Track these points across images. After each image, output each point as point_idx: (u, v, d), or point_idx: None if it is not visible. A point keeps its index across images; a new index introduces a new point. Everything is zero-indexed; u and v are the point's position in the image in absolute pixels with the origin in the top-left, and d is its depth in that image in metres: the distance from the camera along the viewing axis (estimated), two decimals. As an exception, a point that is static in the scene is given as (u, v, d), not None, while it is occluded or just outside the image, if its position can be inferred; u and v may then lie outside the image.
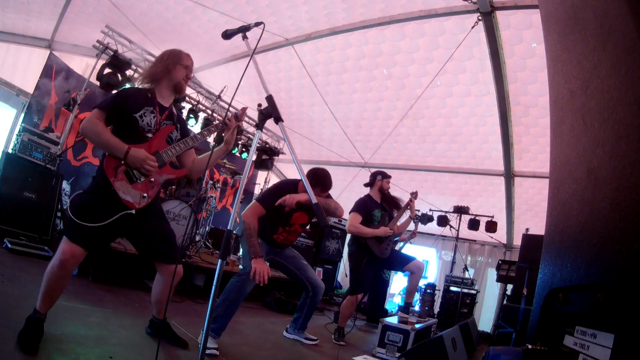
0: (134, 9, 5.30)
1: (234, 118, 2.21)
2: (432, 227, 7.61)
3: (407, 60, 5.47)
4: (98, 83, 5.35)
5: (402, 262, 3.91)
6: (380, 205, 3.84)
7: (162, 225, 2.17)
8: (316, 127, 7.63)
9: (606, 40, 1.11)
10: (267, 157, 7.91)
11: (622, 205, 0.98)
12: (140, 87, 2.17)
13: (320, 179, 3.01)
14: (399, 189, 4.01)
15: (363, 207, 3.72)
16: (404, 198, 4.15)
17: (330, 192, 3.18)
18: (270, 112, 1.61)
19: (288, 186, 3.02)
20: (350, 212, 3.73)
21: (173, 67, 2.13)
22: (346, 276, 4.47)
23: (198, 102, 6.43)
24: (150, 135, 2.03)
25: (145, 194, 1.96)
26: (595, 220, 1.13)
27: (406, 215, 4.10)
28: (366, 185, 3.99)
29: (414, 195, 4.14)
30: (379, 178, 3.85)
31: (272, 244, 3.04)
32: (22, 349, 1.69)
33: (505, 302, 5.67)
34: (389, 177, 3.92)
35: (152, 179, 1.99)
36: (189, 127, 2.40)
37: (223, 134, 2.22)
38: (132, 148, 1.90)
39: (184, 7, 5.21)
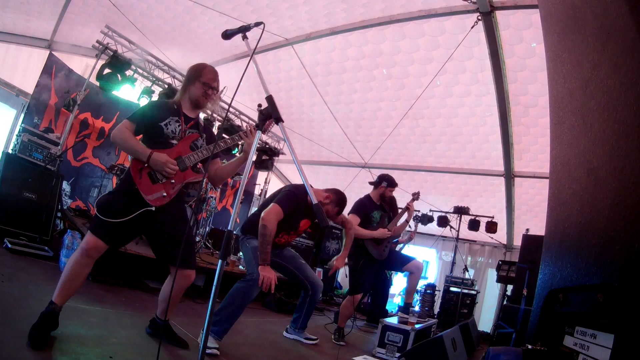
0: (134, 9, 5.30)
1: (255, 128, 2.22)
2: (432, 227, 7.61)
3: (407, 60, 5.47)
4: (98, 83, 5.35)
5: (401, 263, 3.91)
6: (379, 206, 3.84)
7: (180, 227, 2.23)
8: (316, 127, 7.64)
9: (606, 40, 1.10)
10: (267, 157, 7.90)
11: (622, 206, 0.98)
12: (169, 100, 2.33)
13: (343, 202, 3.19)
14: (399, 189, 4.00)
15: (362, 208, 3.72)
16: (405, 199, 4.15)
17: (330, 192, 3.21)
18: (270, 112, 1.61)
19: (302, 192, 3.04)
20: (348, 213, 3.73)
21: (191, 84, 2.25)
22: (346, 276, 4.48)
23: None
24: (175, 142, 2.18)
25: (165, 193, 2.10)
26: (595, 221, 1.13)
27: (405, 217, 4.09)
28: (371, 183, 3.97)
29: (416, 196, 4.13)
30: (384, 184, 3.81)
31: (273, 246, 3.04)
32: (32, 343, 1.74)
33: (505, 302, 5.67)
34: (395, 186, 3.87)
35: (173, 181, 2.13)
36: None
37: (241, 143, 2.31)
38: (155, 152, 2.06)
39: (184, 7, 5.21)
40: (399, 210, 4.10)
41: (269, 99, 1.62)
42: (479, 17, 4.44)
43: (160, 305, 2.35)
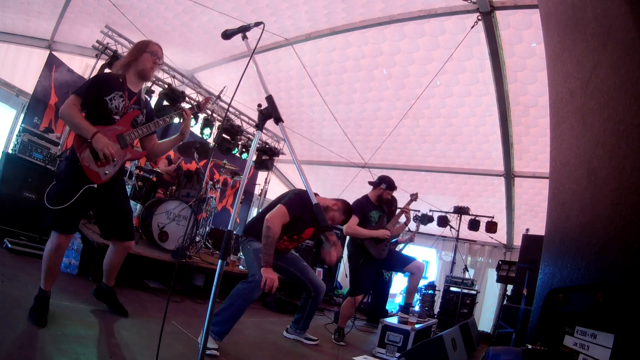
0: (134, 9, 5.30)
1: (196, 107, 2.47)
2: (432, 227, 7.60)
3: (407, 60, 5.47)
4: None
5: (402, 263, 3.90)
6: (377, 206, 3.83)
7: (121, 202, 2.43)
8: (316, 127, 7.63)
9: (606, 40, 1.10)
10: (267, 157, 7.90)
11: (622, 206, 0.98)
12: (115, 72, 2.40)
13: (350, 214, 3.24)
14: (399, 189, 4.00)
15: (359, 208, 3.72)
16: (404, 199, 4.14)
17: (331, 192, 3.20)
18: (270, 112, 1.61)
19: (308, 197, 3.03)
20: None
21: (139, 55, 2.36)
22: (346, 277, 4.47)
23: (198, 102, 6.43)
24: (117, 117, 2.27)
25: (107, 171, 2.23)
26: (595, 221, 1.13)
27: (403, 219, 4.09)
28: (371, 183, 3.97)
29: (414, 197, 4.12)
30: (382, 186, 3.80)
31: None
32: (35, 322, 1.98)
33: (505, 302, 5.67)
34: (393, 189, 3.87)
35: (115, 159, 2.22)
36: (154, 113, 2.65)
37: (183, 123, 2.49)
38: (98, 134, 2.12)
39: (184, 7, 5.21)
40: (398, 208, 4.10)
41: (269, 98, 1.62)
42: (479, 17, 4.44)
43: (106, 273, 2.57)
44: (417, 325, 3.46)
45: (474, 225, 6.93)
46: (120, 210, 2.40)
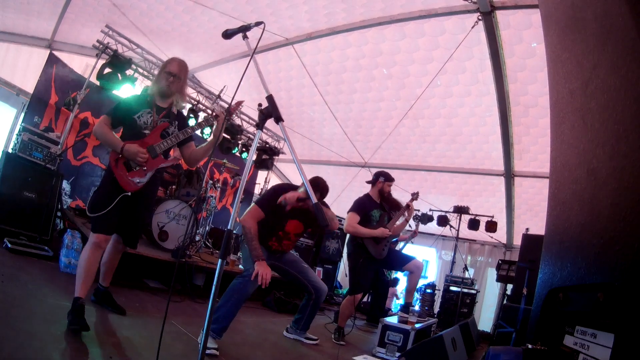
0: (134, 9, 5.30)
1: (226, 112, 2.53)
2: (432, 227, 7.61)
3: (407, 60, 5.46)
4: (98, 83, 5.35)
5: (401, 262, 3.90)
6: (379, 205, 3.83)
7: (142, 211, 2.62)
8: (316, 127, 7.63)
9: (606, 40, 1.11)
10: (267, 157, 7.90)
11: (622, 206, 0.98)
12: (143, 94, 2.71)
13: (320, 185, 3.11)
14: (399, 189, 4.00)
15: (361, 207, 3.72)
16: (404, 198, 4.14)
17: (330, 192, 3.19)
18: (270, 111, 1.61)
19: (287, 189, 3.03)
20: (348, 212, 3.73)
21: (159, 76, 2.55)
22: (346, 276, 4.47)
23: (198, 101, 6.43)
24: (147, 132, 2.45)
25: (138, 180, 2.41)
26: (595, 221, 1.13)
27: (404, 216, 4.09)
28: (368, 182, 3.98)
29: (415, 196, 4.13)
30: (380, 179, 3.82)
31: (269, 250, 3.03)
32: (79, 328, 2.03)
33: (505, 301, 5.67)
34: (392, 180, 3.87)
35: (145, 168, 2.42)
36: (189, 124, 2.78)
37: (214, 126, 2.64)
38: (126, 144, 2.34)
39: (184, 7, 5.21)
40: (401, 206, 4.10)
41: (269, 98, 1.62)
42: (479, 17, 4.44)
43: (102, 273, 2.66)
44: (417, 325, 3.46)
45: (473, 224, 6.93)
46: (138, 218, 2.57)
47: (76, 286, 2.22)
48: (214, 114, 2.62)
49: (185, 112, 5.92)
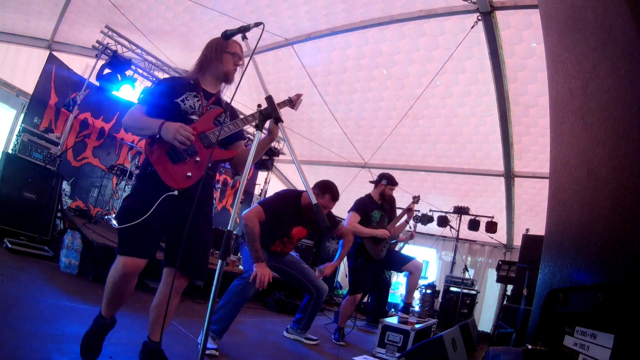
0: (134, 9, 5.30)
1: (288, 103, 2.08)
2: (432, 227, 7.59)
3: (407, 60, 5.46)
4: (97, 83, 5.35)
5: (400, 262, 3.90)
6: (379, 206, 3.83)
7: (207, 228, 1.93)
8: (316, 127, 7.63)
9: (606, 40, 1.10)
10: (267, 157, 7.90)
11: (622, 206, 0.97)
12: (183, 76, 2.09)
13: (330, 187, 3.17)
14: (399, 189, 3.99)
15: (362, 207, 3.71)
16: (405, 199, 4.14)
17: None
18: (270, 112, 1.60)
19: (293, 196, 3.08)
20: (349, 211, 3.73)
21: (216, 58, 1.96)
22: (346, 276, 4.47)
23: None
24: (195, 117, 1.86)
25: (189, 173, 1.75)
26: (595, 221, 1.13)
27: (404, 217, 4.08)
28: (372, 182, 3.97)
29: (416, 199, 4.12)
30: (383, 182, 3.80)
31: (270, 253, 3.04)
32: (81, 354, 1.77)
33: (505, 302, 5.66)
34: (395, 184, 3.85)
35: (198, 159, 1.77)
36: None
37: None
38: (166, 122, 1.71)
39: (184, 7, 5.21)
40: (399, 212, 4.10)
41: (269, 99, 1.62)
42: (479, 17, 4.44)
43: (150, 322, 1.90)
44: (417, 325, 3.45)
45: (473, 225, 6.92)
46: (200, 231, 1.81)
47: (103, 301, 1.80)
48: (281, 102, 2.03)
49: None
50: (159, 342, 1.86)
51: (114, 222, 1.84)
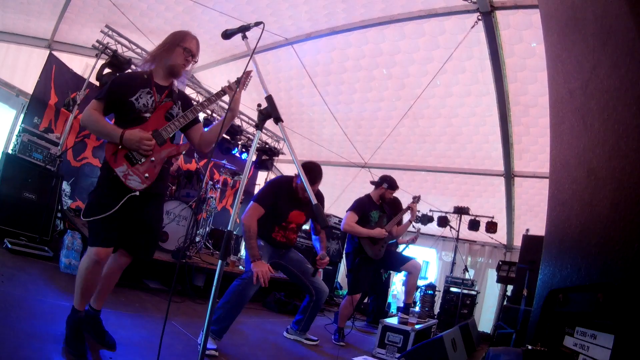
0: (134, 9, 5.30)
1: (235, 84, 2.17)
2: (432, 227, 7.60)
3: (407, 60, 5.46)
4: (97, 83, 5.35)
5: (399, 263, 3.90)
6: (378, 207, 3.82)
7: (158, 217, 2.17)
8: (316, 127, 7.63)
9: (606, 40, 1.10)
10: (267, 157, 7.90)
11: (622, 206, 0.97)
12: (138, 70, 2.17)
13: (311, 170, 3.09)
14: (399, 190, 3.99)
15: (360, 207, 3.71)
16: (405, 199, 4.14)
17: (331, 192, 3.19)
18: (269, 112, 1.60)
19: (284, 181, 3.09)
20: (347, 211, 3.73)
21: (171, 50, 2.05)
22: (346, 277, 4.47)
23: (197, 101, 6.44)
24: (148, 115, 1.98)
25: (147, 174, 1.94)
26: (595, 221, 1.13)
27: (406, 218, 4.08)
28: (372, 183, 3.96)
29: (417, 199, 4.11)
30: (384, 186, 3.78)
31: (273, 244, 3.04)
32: (71, 352, 1.81)
33: (505, 302, 5.66)
34: (395, 189, 3.84)
35: (153, 159, 1.95)
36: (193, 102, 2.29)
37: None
38: (127, 131, 1.87)
39: (184, 7, 5.21)
40: (402, 208, 4.09)
41: (269, 98, 1.62)
42: (479, 17, 4.44)
43: (96, 293, 2.08)
44: (417, 326, 3.45)
45: (474, 225, 6.92)
46: (152, 221, 2.09)
47: (75, 295, 1.93)
48: (223, 87, 2.17)
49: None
50: (100, 311, 2.10)
51: (82, 217, 1.93)
